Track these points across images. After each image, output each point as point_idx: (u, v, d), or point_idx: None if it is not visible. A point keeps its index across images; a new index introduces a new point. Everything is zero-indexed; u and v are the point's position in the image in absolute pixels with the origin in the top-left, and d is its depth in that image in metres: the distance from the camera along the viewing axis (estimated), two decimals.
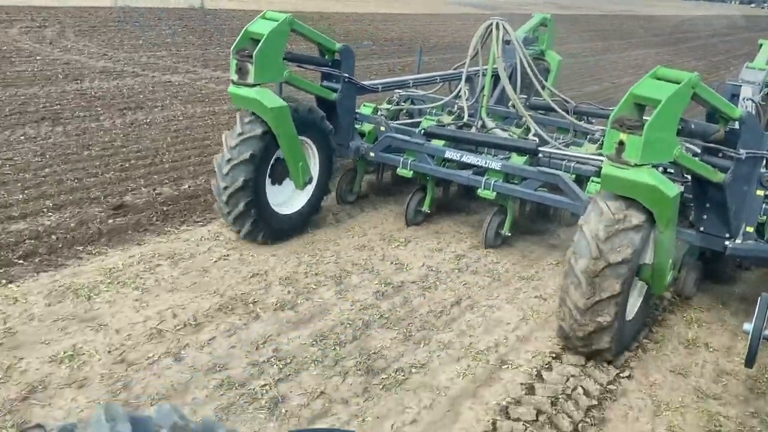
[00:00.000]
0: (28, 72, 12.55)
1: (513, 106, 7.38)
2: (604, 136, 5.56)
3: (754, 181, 5.24)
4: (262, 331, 4.80)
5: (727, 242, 5.26)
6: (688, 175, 5.32)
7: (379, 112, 7.67)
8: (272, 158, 6.06)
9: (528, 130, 7.19)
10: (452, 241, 6.71)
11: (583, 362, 4.74)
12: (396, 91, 8.19)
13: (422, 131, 7.05)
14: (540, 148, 6.46)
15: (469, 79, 7.77)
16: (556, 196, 6.13)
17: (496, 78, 7.52)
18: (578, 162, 6.47)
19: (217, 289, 5.31)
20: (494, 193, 6.32)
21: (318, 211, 6.70)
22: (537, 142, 6.72)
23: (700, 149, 5.32)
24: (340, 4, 33.03)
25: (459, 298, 5.55)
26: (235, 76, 5.80)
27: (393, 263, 6.08)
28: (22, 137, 8.64)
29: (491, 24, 7.22)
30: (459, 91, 7.62)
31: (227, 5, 26.22)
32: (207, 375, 4.24)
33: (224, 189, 5.83)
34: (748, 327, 4.11)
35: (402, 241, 6.60)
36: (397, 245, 6.49)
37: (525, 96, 7.76)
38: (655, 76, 4.46)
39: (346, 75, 6.86)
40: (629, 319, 4.83)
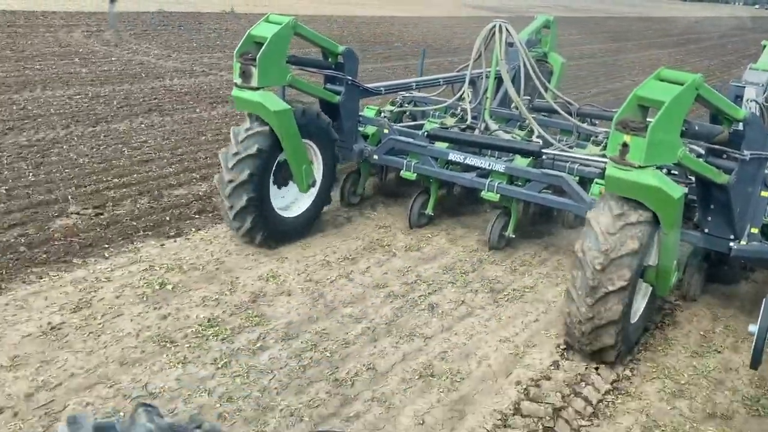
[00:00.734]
0: (113, 71, 13.33)
1: (516, 109, 7.37)
2: (607, 137, 5.57)
3: (758, 183, 5.22)
4: (402, 264, 6.10)
5: (731, 244, 5.24)
6: (692, 177, 5.31)
7: (382, 115, 7.66)
8: (277, 157, 6.06)
9: (531, 132, 7.16)
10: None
11: None
12: (400, 93, 8.20)
13: (425, 133, 7.04)
14: (543, 150, 6.46)
15: (472, 82, 7.77)
16: (559, 198, 6.12)
17: (499, 80, 7.51)
18: (582, 164, 6.45)
19: (357, 236, 6.65)
20: (498, 196, 6.32)
21: (317, 217, 6.69)
22: (540, 144, 6.71)
23: (704, 150, 5.30)
24: (360, 8, 33.39)
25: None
26: (238, 80, 5.81)
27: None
28: (142, 125, 9.74)
29: (494, 26, 7.22)
30: (462, 94, 7.62)
31: (254, 10, 26.39)
32: (375, 290, 5.62)
33: (229, 182, 5.83)
34: (753, 328, 4.10)
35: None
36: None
37: (528, 98, 7.75)
38: (658, 78, 4.43)
39: (349, 78, 6.86)
40: (633, 321, 4.81)
